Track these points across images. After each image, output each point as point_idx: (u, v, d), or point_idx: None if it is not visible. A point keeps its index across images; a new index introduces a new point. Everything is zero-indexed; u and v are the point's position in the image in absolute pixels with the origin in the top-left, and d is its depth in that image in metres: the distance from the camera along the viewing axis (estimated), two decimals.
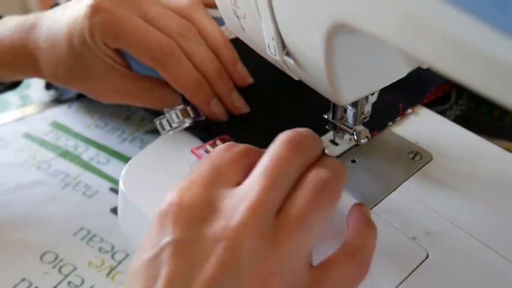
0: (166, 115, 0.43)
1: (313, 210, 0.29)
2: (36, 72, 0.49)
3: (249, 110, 0.46)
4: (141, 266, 0.28)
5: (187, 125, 0.44)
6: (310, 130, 0.31)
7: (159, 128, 0.44)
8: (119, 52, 0.46)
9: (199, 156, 0.42)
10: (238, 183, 0.30)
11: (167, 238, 0.28)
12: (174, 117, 0.44)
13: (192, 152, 0.42)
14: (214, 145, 0.42)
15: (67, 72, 0.47)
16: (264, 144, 0.37)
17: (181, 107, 0.44)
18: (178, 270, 0.27)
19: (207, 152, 0.42)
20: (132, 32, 0.43)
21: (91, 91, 0.48)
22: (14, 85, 0.57)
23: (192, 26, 0.44)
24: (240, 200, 0.28)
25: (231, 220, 0.28)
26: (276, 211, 0.29)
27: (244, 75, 0.47)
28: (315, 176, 0.30)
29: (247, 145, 0.33)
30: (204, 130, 0.44)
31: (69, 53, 0.45)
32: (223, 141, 0.43)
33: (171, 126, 0.44)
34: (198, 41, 0.44)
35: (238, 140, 0.43)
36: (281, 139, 0.31)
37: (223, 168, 0.31)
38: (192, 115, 0.44)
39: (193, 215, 0.28)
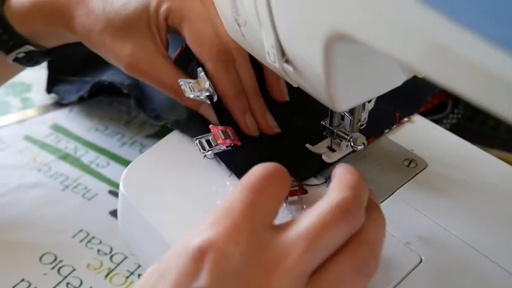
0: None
1: (347, 286, 0.29)
2: (68, 26, 0.48)
3: (280, 131, 0.46)
4: None
5: (205, 94, 0.43)
6: (358, 198, 0.30)
7: (182, 87, 0.43)
8: (166, 34, 0.46)
9: (215, 135, 0.43)
10: (278, 210, 0.30)
11: (201, 282, 0.27)
12: (203, 81, 0.43)
13: (211, 129, 0.43)
14: (225, 131, 0.43)
15: (105, 29, 0.46)
16: (259, 147, 0.38)
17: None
18: None
19: (224, 133, 0.42)
20: (198, 23, 0.44)
21: (120, 57, 0.46)
22: (49, 52, 0.54)
23: None
24: (281, 257, 0.28)
25: (269, 279, 0.27)
26: (312, 273, 0.28)
27: (284, 94, 0.48)
28: (360, 252, 0.29)
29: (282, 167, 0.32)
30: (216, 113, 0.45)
31: (120, 9, 0.45)
32: (232, 132, 0.44)
33: (192, 90, 0.44)
34: (246, 58, 0.45)
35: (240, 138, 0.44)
36: (331, 203, 0.29)
37: (265, 203, 0.30)
38: (204, 86, 0.44)
39: (233, 266, 0.27)
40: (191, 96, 0.44)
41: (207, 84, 0.43)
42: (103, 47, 0.47)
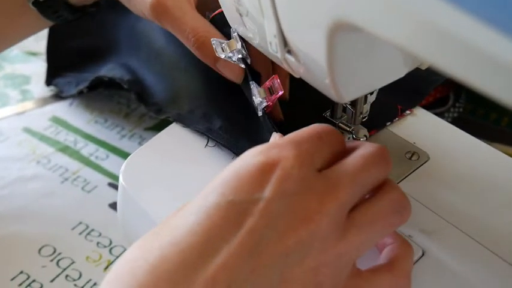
0: (233, 35, 0.41)
1: (383, 224, 0.32)
2: None
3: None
4: (221, 205, 0.29)
5: (238, 56, 0.42)
6: (387, 152, 0.33)
7: (214, 47, 0.42)
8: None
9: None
10: (333, 157, 0.32)
11: (266, 194, 0.29)
12: (236, 41, 0.42)
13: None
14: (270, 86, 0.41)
15: None
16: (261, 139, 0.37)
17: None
18: (261, 230, 0.28)
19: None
20: None
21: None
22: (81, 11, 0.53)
23: None
24: (331, 189, 0.30)
25: (321, 205, 0.29)
26: (349, 209, 0.31)
27: (286, 91, 0.47)
28: (395, 195, 0.32)
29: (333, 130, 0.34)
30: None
31: None
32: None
33: (223, 50, 0.42)
34: None
35: None
36: (375, 146, 0.33)
37: (326, 140, 0.32)
38: (237, 47, 0.42)
39: (294, 186, 0.30)
40: (222, 56, 0.42)
41: (239, 45, 0.41)
42: None
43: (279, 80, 0.41)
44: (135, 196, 0.42)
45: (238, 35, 0.41)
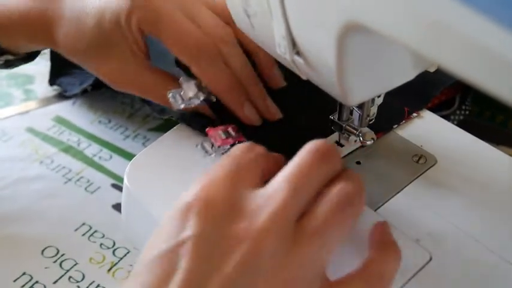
0: (183, 86, 0.42)
1: (335, 222, 0.29)
2: (51, 42, 0.48)
3: (282, 116, 0.45)
4: (157, 256, 0.28)
5: (199, 101, 0.43)
6: (334, 144, 0.31)
7: (171, 101, 0.42)
8: (145, 43, 0.46)
9: (213, 137, 0.42)
10: (257, 185, 0.30)
11: (189, 232, 0.28)
12: (189, 90, 0.43)
13: (208, 132, 0.42)
14: (226, 131, 0.42)
15: (87, 49, 0.46)
16: (267, 140, 0.37)
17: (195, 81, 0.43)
18: (197, 267, 0.27)
19: (225, 133, 0.42)
20: (173, 24, 0.43)
21: (105, 74, 0.47)
22: (29, 57, 0.55)
23: (230, 29, 0.44)
24: (264, 203, 0.29)
25: (254, 222, 0.28)
26: (297, 218, 0.29)
27: (279, 80, 0.47)
28: (340, 188, 0.30)
29: (265, 150, 0.33)
30: (214, 112, 0.44)
31: (95, 29, 0.45)
32: (234, 130, 0.43)
33: (183, 99, 0.43)
34: (235, 45, 0.44)
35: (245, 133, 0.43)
36: (308, 148, 0.31)
37: (245, 168, 0.31)
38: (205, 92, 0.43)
39: (218, 212, 0.29)
40: (181, 106, 0.43)
41: (191, 92, 0.42)
42: (86, 65, 0.48)
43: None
44: (139, 198, 0.42)
45: (187, 79, 0.43)
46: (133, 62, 0.45)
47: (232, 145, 0.41)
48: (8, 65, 0.52)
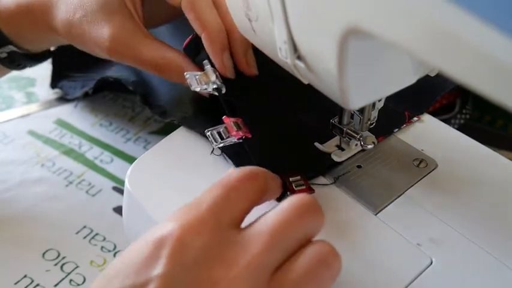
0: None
1: (310, 281, 0.29)
2: (49, 24, 0.48)
3: (257, 73, 0.46)
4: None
5: (211, 89, 0.43)
6: (319, 205, 0.31)
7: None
8: (142, 7, 0.46)
9: (229, 126, 0.41)
10: (242, 219, 0.30)
11: (158, 270, 0.27)
12: (209, 75, 0.43)
13: (224, 120, 0.42)
14: (236, 123, 0.42)
15: (84, 16, 0.46)
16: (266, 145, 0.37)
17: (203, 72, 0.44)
18: None
19: (235, 125, 0.41)
20: None
21: (99, 41, 0.46)
22: (35, 58, 0.54)
23: None
24: (242, 252, 0.28)
25: (228, 271, 0.27)
26: (273, 271, 0.28)
27: (252, 64, 0.46)
28: (318, 247, 0.29)
29: (263, 171, 0.32)
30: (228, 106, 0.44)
31: None
32: (242, 123, 0.42)
33: (197, 83, 0.43)
34: None
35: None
36: (294, 202, 0.30)
37: (234, 203, 0.30)
38: (211, 79, 0.43)
39: (192, 256, 0.28)
40: (197, 89, 0.43)
41: (213, 77, 0.42)
42: (83, 37, 0.47)
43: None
44: (140, 201, 0.42)
45: (212, 66, 0.43)
46: (130, 27, 0.45)
47: (240, 138, 0.41)
48: (12, 60, 0.51)
